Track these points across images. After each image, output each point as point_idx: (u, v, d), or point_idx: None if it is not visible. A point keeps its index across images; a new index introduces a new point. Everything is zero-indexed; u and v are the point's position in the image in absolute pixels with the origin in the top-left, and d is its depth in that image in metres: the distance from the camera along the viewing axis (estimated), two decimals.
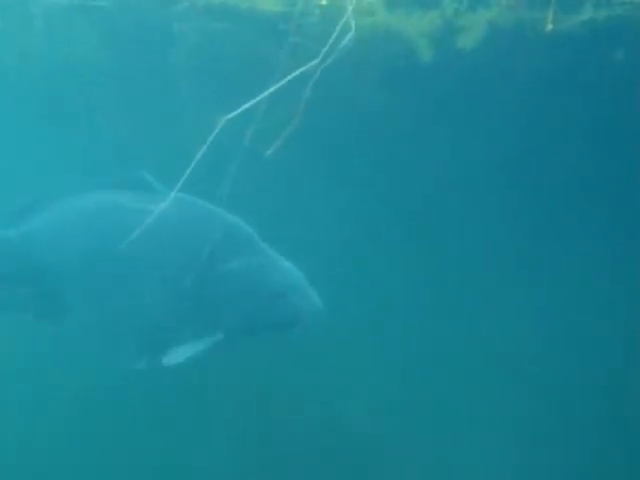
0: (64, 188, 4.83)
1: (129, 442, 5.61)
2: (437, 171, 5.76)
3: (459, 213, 5.83)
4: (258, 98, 3.27)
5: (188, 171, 3.43)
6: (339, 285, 4.73)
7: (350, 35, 3.47)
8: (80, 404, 5.64)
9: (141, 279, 4.59)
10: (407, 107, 5.45)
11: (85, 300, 4.72)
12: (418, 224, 5.84)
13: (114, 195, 4.70)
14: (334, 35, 3.44)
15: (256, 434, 5.67)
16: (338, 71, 3.99)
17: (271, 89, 3.25)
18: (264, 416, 5.69)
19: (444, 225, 5.87)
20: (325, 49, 3.33)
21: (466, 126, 5.55)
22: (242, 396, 5.67)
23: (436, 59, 5.09)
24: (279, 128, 3.54)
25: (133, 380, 4.74)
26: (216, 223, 4.63)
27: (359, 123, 5.44)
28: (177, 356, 4.40)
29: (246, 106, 3.24)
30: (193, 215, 4.64)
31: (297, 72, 3.21)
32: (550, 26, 4.93)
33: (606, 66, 5.15)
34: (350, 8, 3.49)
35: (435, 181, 5.78)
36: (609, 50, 5.11)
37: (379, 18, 5.08)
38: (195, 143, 5.21)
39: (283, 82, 3.22)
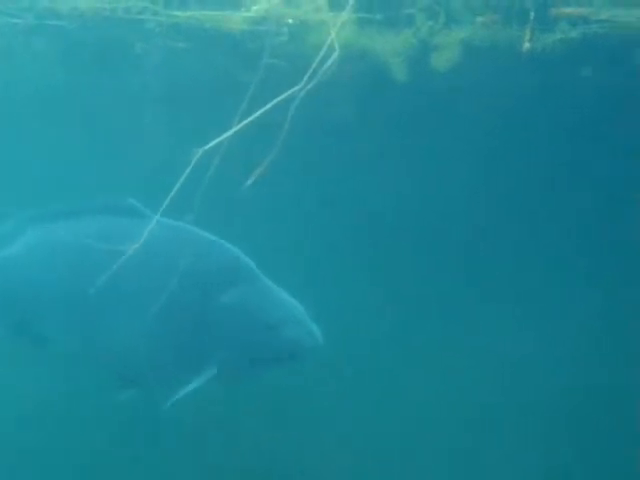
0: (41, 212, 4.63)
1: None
2: (409, 191, 5.65)
3: (433, 234, 5.72)
4: (241, 125, 3.12)
5: (171, 196, 3.24)
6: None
7: (335, 55, 3.32)
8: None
9: (128, 311, 4.38)
10: (381, 126, 5.33)
11: (65, 331, 4.52)
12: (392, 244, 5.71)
13: (100, 221, 4.49)
14: (321, 54, 3.29)
15: None
16: (313, 92, 3.89)
17: (257, 113, 3.10)
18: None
19: (414, 246, 5.75)
20: (311, 69, 3.18)
21: (438, 145, 5.44)
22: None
23: (410, 78, 4.97)
24: (261, 152, 3.39)
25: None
26: (212, 252, 4.45)
27: (336, 143, 5.31)
28: (171, 393, 4.19)
29: (226, 135, 3.08)
30: (187, 244, 4.42)
31: (285, 95, 3.06)
32: (527, 44, 4.84)
33: (583, 84, 5.07)
34: (333, 30, 3.34)
35: (405, 201, 5.67)
36: (586, 68, 5.03)
37: (352, 36, 4.96)
38: (163, 167, 5.13)
39: (270, 105, 3.07)
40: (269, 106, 3.05)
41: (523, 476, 5.60)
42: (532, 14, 4.74)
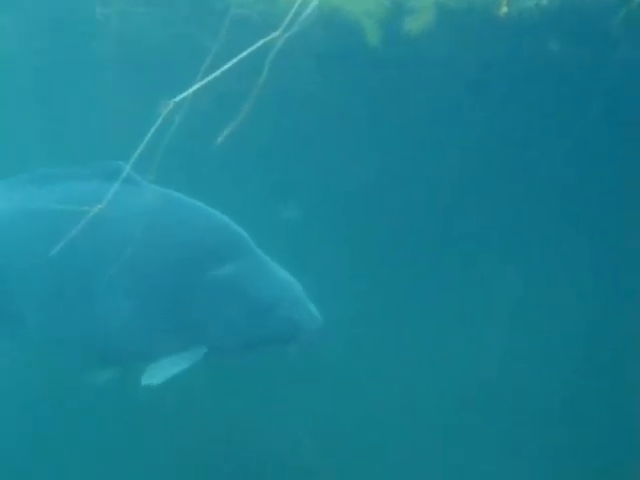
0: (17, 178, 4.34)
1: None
2: (376, 164, 5.45)
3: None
4: (210, 77, 2.91)
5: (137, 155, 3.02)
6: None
7: (315, 4, 3.10)
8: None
9: (111, 284, 4.05)
10: (351, 92, 5.14)
11: (42, 308, 4.18)
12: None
13: (83, 186, 4.13)
14: (295, 5, 3.08)
15: None
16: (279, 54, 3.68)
17: (226, 66, 2.89)
18: None
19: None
20: (287, 20, 2.97)
21: (408, 114, 5.26)
22: None
23: (383, 42, 4.78)
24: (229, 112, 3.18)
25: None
26: (204, 222, 4.12)
27: (303, 111, 5.11)
28: (155, 375, 3.86)
29: (196, 87, 2.88)
30: (177, 213, 4.12)
31: (257, 45, 2.85)
32: (504, 9, 4.67)
33: (561, 53, 4.90)
34: None
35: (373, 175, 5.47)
36: (563, 36, 4.87)
37: None
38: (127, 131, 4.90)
39: (241, 56, 2.86)
40: (244, 54, 2.83)
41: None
42: None
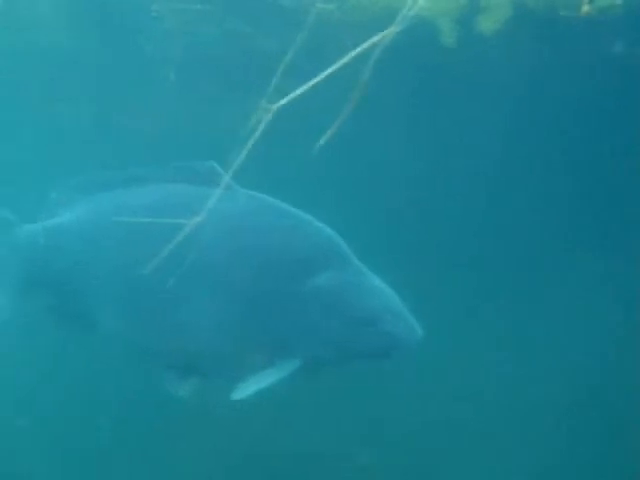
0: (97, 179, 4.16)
1: None
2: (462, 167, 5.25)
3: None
4: (311, 83, 2.72)
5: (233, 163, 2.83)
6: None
7: (417, 7, 2.90)
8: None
9: (199, 292, 3.84)
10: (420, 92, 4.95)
11: (119, 315, 3.99)
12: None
13: (169, 189, 3.94)
14: (404, 11, 2.87)
15: None
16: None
17: (326, 71, 2.69)
18: None
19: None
20: (391, 27, 2.77)
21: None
22: None
23: (457, 41, 4.58)
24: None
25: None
26: (301, 230, 3.89)
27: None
28: (245, 388, 3.63)
29: (298, 92, 2.68)
30: (271, 218, 3.90)
31: (355, 52, 2.65)
32: (586, 8, 4.46)
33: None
34: None
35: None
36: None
37: None
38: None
39: (340, 63, 2.66)
40: (349, 57, 2.63)
41: None
42: None
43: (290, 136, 4.00)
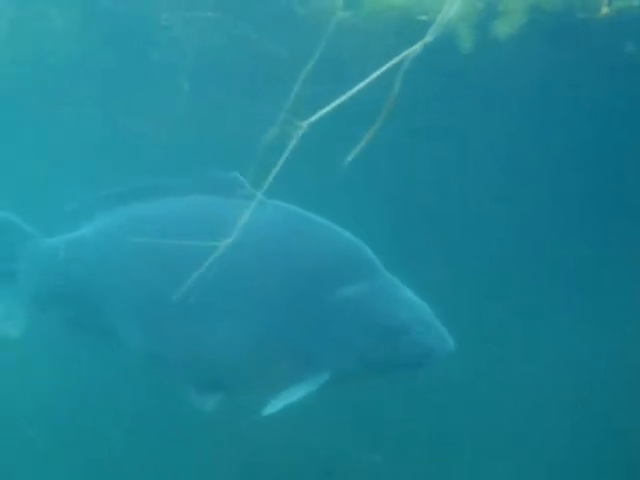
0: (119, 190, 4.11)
1: None
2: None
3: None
4: (344, 97, 2.67)
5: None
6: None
7: (453, 11, 2.84)
8: None
9: (226, 305, 3.78)
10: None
11: (141, 327, 3.93)
12: None
13: (198, 201, 3.89)
14: (446, 12, 2.82)
15: None
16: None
17: (362, 83, 2.65)
18: None
19: None
20: (434, 27, 2.72)
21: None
22: None
23: (474, 46, 4.53)
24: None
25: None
26: (330, 241, 3.85)
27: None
28: (275, 402, 3.56)
29: (330, 107, 2.64)
30: (299, 229, 3.86)
31: (398, 58, 2.60)
32: (605, 9, 4.41)
33: None
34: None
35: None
36: None
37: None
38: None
39: (373, 77, 2.62)
40: (381, 71, 2.59)
41: None
42: None
43: (317, 146, 3.95)
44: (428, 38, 2.60)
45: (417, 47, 2.58)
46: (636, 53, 4.67)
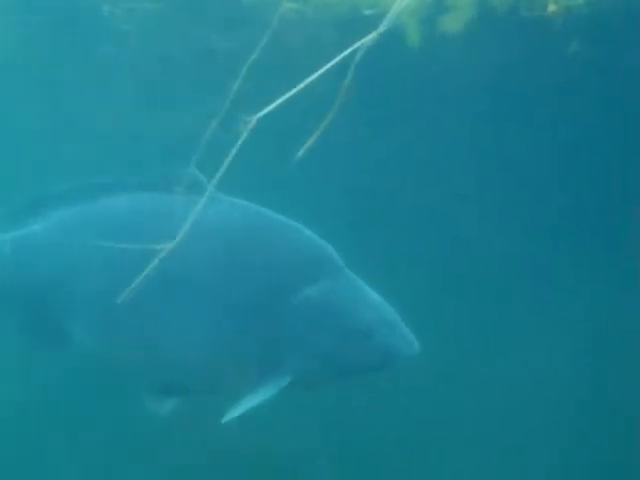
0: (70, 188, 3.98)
1: None
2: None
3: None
4: (294, 91, 2.62)
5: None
6: None
7: (405, 3, 2.80)
8: None
9: (182, 306, 3.67)
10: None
11: (95, 329, 3.80)
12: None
13: (152, 196, 3.77)
14: (399, 5, 2.78)
15: None
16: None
17: (316, 74, 2.59)
18: None
19: None
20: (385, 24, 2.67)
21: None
22: None
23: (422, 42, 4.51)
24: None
25: None
26: (291, 239, 3.74)
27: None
28: (234, 407, 3.46)
29: (281, 100, 2.58)
30: (260, 227, 3.75)
31: (339, 57, 2.56)
32: (552, 7, 4.42)
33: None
34: None
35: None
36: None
37: None
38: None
39: (334, 62, 2.56)
40: (336, 60, 2.53)
41: None
42: None
43: (272, 140, 3.88)
44: (381, 29, 2.53)
45: (369, 38, 2.50)
46: (584, 50, 4.68)
